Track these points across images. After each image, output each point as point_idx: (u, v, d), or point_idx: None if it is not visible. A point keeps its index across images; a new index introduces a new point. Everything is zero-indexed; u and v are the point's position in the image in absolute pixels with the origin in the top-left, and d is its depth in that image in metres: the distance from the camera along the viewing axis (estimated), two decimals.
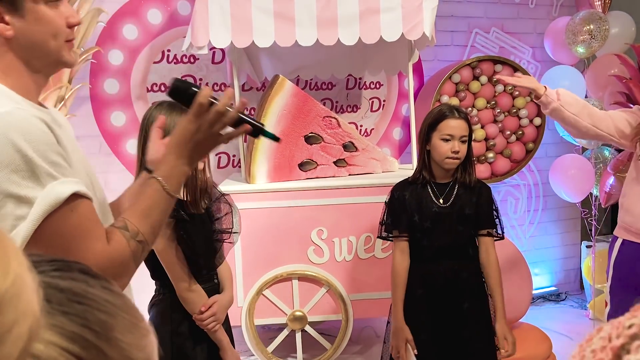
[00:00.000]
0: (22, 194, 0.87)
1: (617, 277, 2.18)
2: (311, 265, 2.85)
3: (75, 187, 0.93)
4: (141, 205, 1.01)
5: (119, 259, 0.95)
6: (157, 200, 1.02)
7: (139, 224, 0.99)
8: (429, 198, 2.05)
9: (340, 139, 3.02)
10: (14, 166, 0.86)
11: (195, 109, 1.03)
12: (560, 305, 4.01)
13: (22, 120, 0.89)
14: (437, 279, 2.04)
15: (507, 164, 3.64)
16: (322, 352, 2.95)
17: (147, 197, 1.02)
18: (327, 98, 3.55)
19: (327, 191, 2.85)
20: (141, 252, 1.00)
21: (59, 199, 0.89)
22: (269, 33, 2.66)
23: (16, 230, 0.86)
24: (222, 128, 1.05)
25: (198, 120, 1.03)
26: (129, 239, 0.97)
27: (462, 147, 2.00)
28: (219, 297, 1.80)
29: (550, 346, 2.84)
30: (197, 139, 1.04)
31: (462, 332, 2.02)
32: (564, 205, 4.05)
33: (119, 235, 0.97)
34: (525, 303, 3.01)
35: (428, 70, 3.70)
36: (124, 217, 1.00)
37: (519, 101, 3.60)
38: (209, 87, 1.04)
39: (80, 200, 0.94)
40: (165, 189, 1.02)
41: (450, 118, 2.01)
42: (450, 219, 2.03)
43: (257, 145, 2.86)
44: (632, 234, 2.12)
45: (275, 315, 2.86)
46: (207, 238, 1.82)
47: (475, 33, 3.80)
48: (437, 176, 2.07)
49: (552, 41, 3.77)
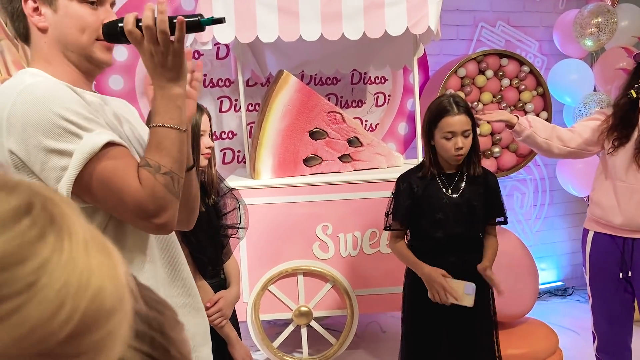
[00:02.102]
0: (62, 147, 0.96)
1: (594, 271, 2.27)
2: (316, 261, 2.85)
3: (109, 137, 1.00)
4: (151, 145, 1.05)
5: (154, 194, 1.00)
6: (163, 135, 1.04)
7: (158, 158, 1.02)
8: (438, 189, 2.05)
9: (345, 134, 3.01)
10: (50, 125, 0.95)
11: (133, 40, 1.04)
12: (567, 300, 4.00)
13: (48, 87, 0.99)
14: (448, 270, 2.03)
15: (513, 158, 3.62)
16: (327, 347, 2.95)
17: (152, 136, 1.05)
18: (332, 93, 3.53)
19: (332, 186, 2.85)
20: (174, 184, 1.03)
21: (94, 147, 0.97)
22: (273, 28, 2.65)
23: (62, 179, 0.96)
24: (166, 37, 1.03)
25: (143, 47, 1.04)
26: (154, 173, 1.01)
27: (465, 142, 1.98)
28: (225, 293, 1.80)
29: (557, 341, 2.83)
30: (159, 62, 1.04)
31: (469, 322, 2.02)
32: (571, 200, 4.02)
33: (144, 173, 1.01)
34: (531, 298, 3.00)
35: (433, 64, 3.68)
36: (144, 157, 1.04)
37: (525, 95, 3.57)
38: (132, 13, 1.05)
39: (114, 147, 1.00)
40: (161, 125, 1.04)
41: (450, 115, 1.97)
42: (460, 210, 2.03)
43: (261, 141, 2.86)
44: (603, 226, 2.21)
45: (280, 311, 2.87)
46: (214, 234, 1.82)
47: (481, 27, 3.77)
48: (444, 167, 2.08)
49: (560, 34, 3.74)
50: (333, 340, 2.94)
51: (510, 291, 2.90)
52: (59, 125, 0.96)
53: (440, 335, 2.04)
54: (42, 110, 0.96)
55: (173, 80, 1.05)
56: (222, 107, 3.33)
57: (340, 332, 2.97)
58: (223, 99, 3.32)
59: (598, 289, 2.25)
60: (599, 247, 2.23)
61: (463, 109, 1.99)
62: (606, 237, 2.20)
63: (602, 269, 2.21)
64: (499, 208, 2.11)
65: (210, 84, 3.27)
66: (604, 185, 2.21)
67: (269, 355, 2.91)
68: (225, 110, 3.34)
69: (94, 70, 1.14)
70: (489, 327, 2.11)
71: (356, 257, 2.87)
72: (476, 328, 2.05)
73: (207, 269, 1.76)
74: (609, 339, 2.26)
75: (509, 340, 2.78)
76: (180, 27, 1.02)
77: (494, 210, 2.10)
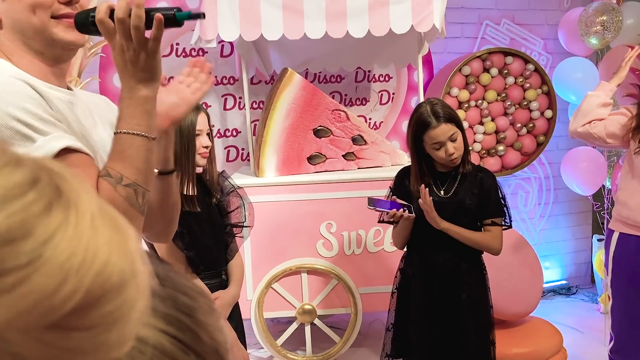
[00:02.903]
0: None
1: (617, 271, 2.23)
2: (320, 259, 2.85)
3: (67, 142, 0.90)
4: (114, 153, 0.95)
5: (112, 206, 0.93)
6: (127, 143, 0.94)
7: (120, 168, 0.93)
8: (430, 188, 2.04)
9: (349, 132, 3.00)
10: (3, 128, 0.85)
11: (103, 32, 0.94)
12: (571, 299, 3.99)
13: (3, 83, 0.88)
14: (437, 269, 2.03)
15: (517, 156, 3.61)
16: (331, 345, 2.95)
17: (115, 144, 0.96)
18: (336, 91, 3.53)
19: (336, 185, 2.84)
20: (137, 197, 0.94)
21: (48, 153, 0.87)
22: (277, 26, 2.65)
23: None
24: (140, 33, 0.93)
25: (114, 41, 0.94)
26: (114, 184, 0.92)
27: (456, 145, 1.96)
28: (222, 294, 1.79)
29: (561, 340, 2.82)
30: (130, 59, 0.94)
31: (459, 322, 2.02)
32: (576, 199, 4.01)
33: (104, 184, 0.92)
34: (535, 297, 3.00)
35: (438, 62, 3.67)
36: (105, 166, 0.95)
37: (530, 93, 3.56)
38: (106, 3, 0.94)
39: (73, 154, 0.91)
40: (126, 132, 0.94)
41: (431, 128, 1.94)
42: (449, 209, 2.01)
43: (266, 139, 2.86)
44: (630, 227, 2.17)
45: (284, 309, 2.87)
46: (216, 233, 1.81)
47: (486, 25, 3.76)
48: (436, 167, 2.07)
49: (565, 32, 3.72)
50: (337, 338, 2.94)
51: (514, 290, 2.90)
52: (9, 127, 0.86)
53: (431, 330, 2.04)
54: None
55: (144, 82, 0.95)
56: (226, 105, 3.33)
57: (344, 330, 2.97)
58: (227, 97, 3.32)
59: (620, 290, 2.20)
60: (624, 248, 2.18)
61: (443, 118, 1.95)
62: (633, 238, 2.16)
63: (626, 271, 2.17)
64: (495, 208, 2.04)
65: (214, 81, 3.27)
66: (631, 185, 2.17)
67: (273, 353, 2.91)
68: (229, 108, 3.34)
69: (62, 55, 1.02)
70: (483, 323, 2.08)
71: (360, 255, 2.87)
72: (469, 324, 2.03)
73: (199, 267, 1.75)
74: (626, 341, 2.23)
75: (513, 339, 2.78)
76: (158, 25, 0.91)
77: (489, 210, 2.04)
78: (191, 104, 1.11)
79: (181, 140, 1.71)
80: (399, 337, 2.12)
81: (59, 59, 1.02)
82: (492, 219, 2.05)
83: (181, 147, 1.71)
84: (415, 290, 2.07)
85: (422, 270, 2.07)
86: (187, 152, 1.72)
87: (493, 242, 2.04)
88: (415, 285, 2.07)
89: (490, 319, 2.11)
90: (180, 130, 1.70)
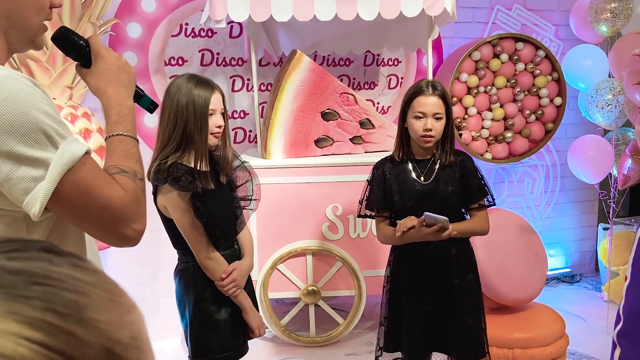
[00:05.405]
0: (37, 155, 0.86)
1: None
2: (325, 242, 2.87)
3: (85, 145, 0.95)
4: (119, 153, 1.03)
5: (137, 198, 0.98)
6: (129, 143, 1.05)
7: (131, 165, 1.01)
8: (409, 176, 2.02)
9: (357, 115, 3.00)
10: (25, 128, 0.85)
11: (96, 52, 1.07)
12: (574, 287, 4.00)
13: (19, 83, 0.87)
14: (427, 257, 2.02)
15: (525, 143, 3.60)
16: (334, 326, 2.98)
17: (118, 144, 1.04)
18: (345, 74, 3.52)
19: (343, 168, 2.85)
20: (143, 190, 1.02)
21: (74, 157, 0.89)
22: (287, 7, 2.64)
23: (34, 190, 0.86)
24: None
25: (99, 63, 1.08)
26: (132, 178, 0.99)
27: (435, 125, 1.95)
28: (239, 264, 1.85)
29: (564, 326, 2.84)
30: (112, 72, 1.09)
31: (452, 308, 2.02)
32: (582, 187, 4.00)
33: (123, 178, 0.98)
34: (539, 284, 3.01)
35: (447, 47, 3.65)
36: (113, 165, 1.00)
37: (540, 80, 3.54)
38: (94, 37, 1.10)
39: (89, 155, 0.96)
40: (127, 135, 1.05)
41: (424, 95, 1.95)
42: (433, 197, 2.00)
43: (273, 121, 2.86)
44: None
45: (289, 290, 2.89)
46: (228, 207, 1.85)
47: (497, 10, 3.73)
48: (415, 153, 2.04)
49: (577, 19, 3.68)
50: (340, 320, 2.97)
51: (518, 275, 2.91)
52: (39, 130, 0.86)
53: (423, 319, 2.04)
54: (14, 110, 0.84)
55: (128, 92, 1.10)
56: (234, 87, 3.33)
57: (347, 312, 2.99)
58: (235, 78, 3.32)
59: None
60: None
61: (438, 92, 1.97)
62: None
63: None
64: (479, 190, 2.03)
65: (222, 62, 3.27)
66: None
67: (277, 333, 2.95)
68: (237, 89, 3.34)
69: (20, 51, 1.04)
70: (477, 306, 2.08)
71: (365, 238, 2.89)
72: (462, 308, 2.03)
73: (220, 242, 1.80)
74: (636, 323, 2.21)
75: (516, 324, 2.79)
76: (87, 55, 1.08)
77: (474, 192, 2.03)
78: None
79: (195, 118, 1.72)
80: (392, 331, 2.11)
81: (17, 51, 1.04)
82: (479, 202, 2.04)
83: (195, 125, 1.72)
84: (407, 280, 2.06)
85: (412, 261, 2.05)
86: (200, 131, 1.73)
87: (483, 225, 2.05)
88: (406, 275, 2.06)
89: (482, 302, 2.11)
90: (193, 108, 1.71)
